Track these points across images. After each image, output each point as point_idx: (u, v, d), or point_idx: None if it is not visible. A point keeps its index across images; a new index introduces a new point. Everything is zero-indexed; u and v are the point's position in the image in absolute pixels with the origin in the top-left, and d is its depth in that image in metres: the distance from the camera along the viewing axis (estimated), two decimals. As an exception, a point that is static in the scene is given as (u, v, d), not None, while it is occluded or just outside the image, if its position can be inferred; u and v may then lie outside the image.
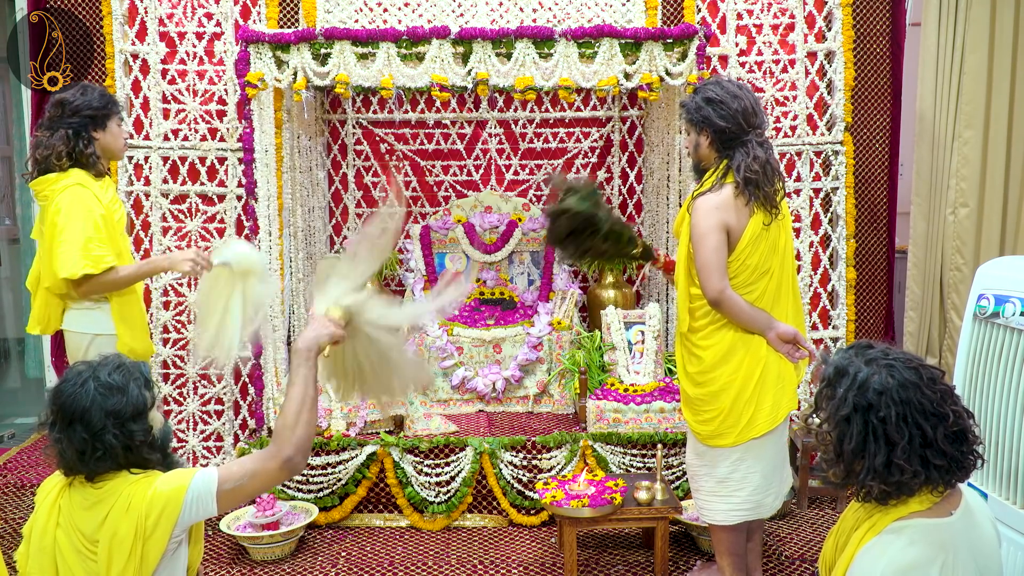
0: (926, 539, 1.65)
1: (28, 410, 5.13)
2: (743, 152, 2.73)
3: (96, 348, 2.95)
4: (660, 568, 3.23)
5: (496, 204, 4.68)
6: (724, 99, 2.72)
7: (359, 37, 3.63)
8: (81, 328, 3.05)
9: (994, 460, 2.60)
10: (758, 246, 2.74)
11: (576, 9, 4.35)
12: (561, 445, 3.73)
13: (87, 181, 3.01)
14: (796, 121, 4.32)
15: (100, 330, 3.05)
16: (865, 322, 4.53)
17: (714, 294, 2.72)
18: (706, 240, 2.71)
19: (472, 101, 4.67)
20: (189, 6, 4.22)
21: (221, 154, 4.23)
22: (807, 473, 3.81)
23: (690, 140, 2.87)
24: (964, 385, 2.77)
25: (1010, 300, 2.60)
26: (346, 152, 4.75)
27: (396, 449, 3.70)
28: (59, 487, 1.99)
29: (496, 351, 4.27)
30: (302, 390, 1.99)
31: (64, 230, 2.92)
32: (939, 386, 1.70)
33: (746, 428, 2.78)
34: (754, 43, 4.32)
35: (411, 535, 3.66)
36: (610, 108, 4.72)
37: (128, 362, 2.00)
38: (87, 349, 2.99)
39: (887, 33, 4.39)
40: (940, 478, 1.68)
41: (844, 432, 1.72)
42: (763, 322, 2.75)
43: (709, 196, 2.75)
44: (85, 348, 3.00)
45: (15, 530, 3.54)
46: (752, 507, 2.84)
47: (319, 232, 4.62)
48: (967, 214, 4.39)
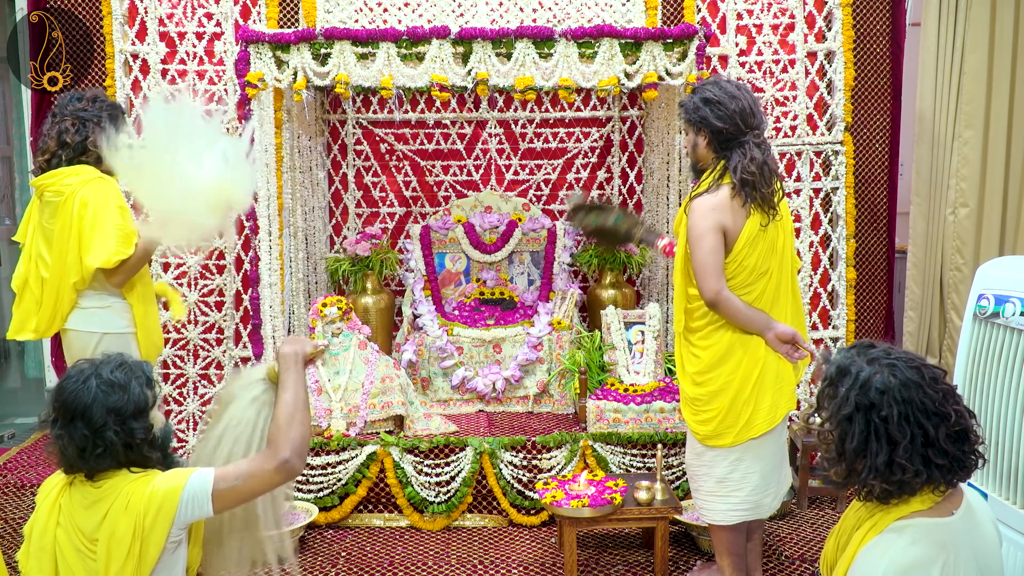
0: (928, 538, 1.65)
1: (28, 410, 5.13)
2: (740, 153, 2.73)
3: (104, 347, 2.95)
4: (660, 568, 3.23)
5: (496, 204, 4.68)
6: (722, 100, 2.72)
7: (359, 37, 3.63)
8: (90, 327, 3.06)
9: (994, 460, 2.60)
10: (756, 247, 2.74)
11: (576, 9, 4.35)
12: (561, 445, 3.73)
13: (104, 175, 3.07)
14: (796, 121, 4.32)
15: (109, 329, 3.06)
16: (865, 322, 4.53)
17: (711, 295, 2.72)
18: (703, 242, 2.71)
19: (472, 101, 4.67)
20: (189, 6, 4.22)
21: (221, 154, 4.23)
22: (807, 473, 3.81)
23: (688, 140, 2.87)
24: (964, 385, 2.78)
25: (1010, 300, 2.60)
26: (346, 152, 4.75)
27: (396, 449, 3.70)
28: (60, 486, 1.99)
29: (496, 351, 4.27)
30: (293, 393, 1.99)
31: (97, 220, 2.98)
32: (941, 385, 1.70)
33: (745, 428, 2.78)
34: (754, 43, 4.32)
35: (411, 535, 3.66)
36: (610, 108, 4.72)
37: (131, 361, 2.01)
38: (95, 348, 2.99)
39: (887, 33, 4.39)
40: (942, 477, 1.68)
41: (846, 431, 1.72)
42: (761, 322, 2.75)
43: (706, 197, 2.75)
44: (94, 347, 3.01)
45: (15, 530, 3.54)
46: (751, 507, 2.85)
47: (319, 232, 4.62)
48: (967, 214, 4.39)
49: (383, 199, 4.78)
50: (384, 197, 4.78)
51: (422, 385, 4.23)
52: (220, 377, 4.25)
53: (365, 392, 3.84)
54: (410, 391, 3.98)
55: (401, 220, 4.79)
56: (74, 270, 3.01)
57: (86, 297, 3.06)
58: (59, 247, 3.02)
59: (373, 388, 3.85)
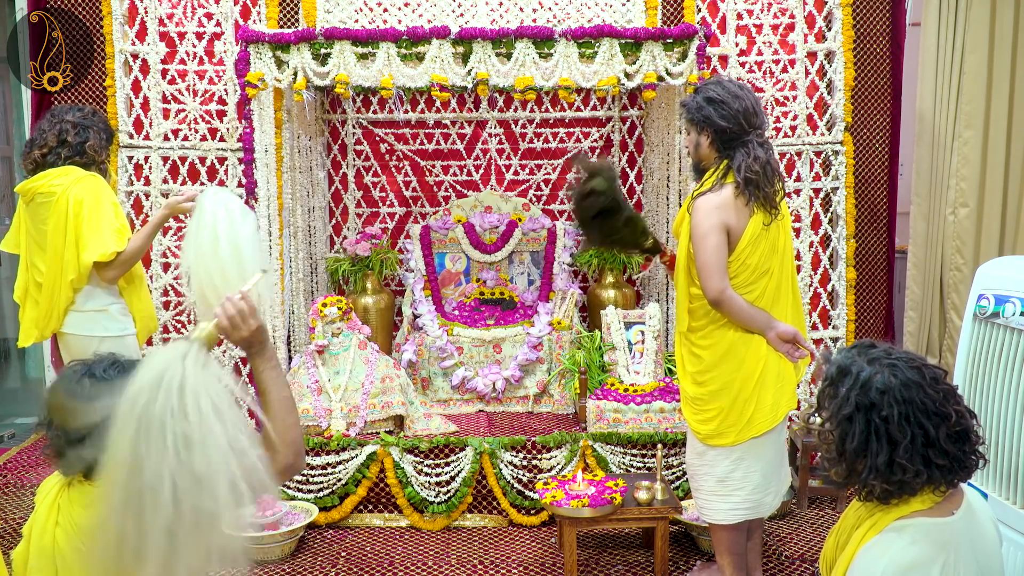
0: (928, 538, 1.65)
1: (28, 410, 5.12)
2: (744, 152, 2.73)
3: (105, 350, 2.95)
4: (660, 568, 3.23)
5: (496, 204, 4.68)
6: (725, 99, 2.72)
7: (359, 37, 3.63)
8: (88, 332, 3.09)
9: (994, 460, 2.60)
10: (758, 246, 2.74)
11: (576, 9, 4.35)
12: (561, 445, 3.73)
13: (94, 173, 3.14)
14: (796, 121, 4.32)
15: (107, 333, 3.09)
16: (865, 322, 4.53)
17: (714, 294, 2.72)
18: (706, 240, 2.71)
19: (472, 101, 4.67)
20: (189, 6, 4.22)
21: (221, 154, 4.23)
22: (807, 473, 3.80)
23: (690, 140, 2.87)
24: (964, 385, 2.78)
25: (1010, 300, 2.60)
26: (346, 152, 4.75)
27: (396, 449, 3.70)
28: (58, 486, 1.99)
29: (496, 351, 4.27)
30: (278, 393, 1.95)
31: (91, 216, 3.04)
32: (941, 386, 1.70)
33: (746, 427, 2.78)
34: (754, 43, 4.32)
35: (411, 535, 3.66)
36: (610, 108, 4.72)
37: (124, 360, 2.00)
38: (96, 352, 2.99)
39: (887, 33, 4.39)
40: (942, 478, 1.68)
41: (846, 431, 1.72)
42: (763, 322, 2.75)
43: (709, 196, 2.75)
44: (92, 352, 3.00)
45: (15, 530, 3.54)
46: (752, 506, 2.85)
47: (319, 232, 4.62)
48: (967, 214, 4.39)
49: (383, 199, 4.78)
50: (384, 197, 4.78)
51: (422, 385, 4.23)
52: (220, 377, 4.25)
53: (365, 392, 3.84)
54: (410, 391, 3.98)
55: (401, 220, 4.79)
56: (71, 267, 3.03)
57: (84, 298, 3.08)
58: (53, 246, 3.05)
59: (373, 388, 3.85)
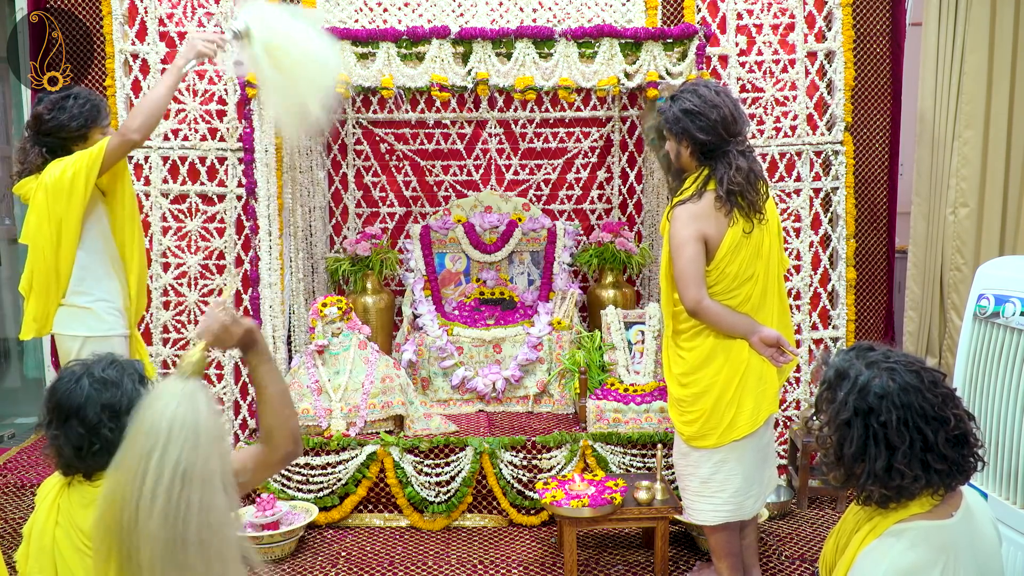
0: (927, 542, 1.64)
1: (28, 410, 5.13)
2: (725, 164, 2.71)
3: (88, 350, 2.95)
4: (660, 568, 3.23)
5: (496, 204, 4.68)
6: (703, 110, 2.69)
7: (359, 37, 3.63)
8: (72, 331, 3.07)
9: (994, 460, 2.60)
10: (738, 254, 2.74)
11: (576, 9, 4.35)
12: (561, 445, 3.73)
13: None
14: (796, 121, 4.32)
15: (90, 332, 3.07)
16: (865, 322, 4.53)
17: (692, 304, 2.73)
18: (683, 251, 2.71)
19: (472, 101, 4.67)
20: (189, 6, 4.21)
21: (221, 154, 4.23)
22: (807, 473, 3.81)
23: (670, 147, 2.84)
24: (964, 385, 2.78)
25: (1010, 300, 2.61)
26: (346, 152, 4.75)
27: (396, 449, 3.70)
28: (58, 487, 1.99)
29: (496, 351, 4.27)
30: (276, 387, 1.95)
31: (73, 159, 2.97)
32: (940, 389, 1.69)
33: (727, 430, 2.80)
34: (754, 43, 4.31)
35: (411, 535, 3.66)
36: (610, 108, 4.72)
37: (122, 359, 2.01)
38: (79, 352, 3.00)
39: (887, 33, 4.39)
40: (940, 482, 1.67)
41: (844, 436, 1.71)
42: (745, 327, 2.75)
43: (688, 205, 2.74)
44: (77, 351, 3.02)
45: (15, 530, 3.54)
46: (734, 508, 2.86)
47: (319, 232, 4.62)
48: (967, 214, 4.39)
49: (383, 199, 4.78)
50: (384, 197, 4.78)
51: (422, 385, 4.23)
52: (220, 377, 4.25)
53: (365, 392, 3.84)
54: (410, 391, 3.99)
55: (401, 220, 4.79)
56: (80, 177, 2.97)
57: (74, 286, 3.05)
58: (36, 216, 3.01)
59: (373, 388, 3.85)
